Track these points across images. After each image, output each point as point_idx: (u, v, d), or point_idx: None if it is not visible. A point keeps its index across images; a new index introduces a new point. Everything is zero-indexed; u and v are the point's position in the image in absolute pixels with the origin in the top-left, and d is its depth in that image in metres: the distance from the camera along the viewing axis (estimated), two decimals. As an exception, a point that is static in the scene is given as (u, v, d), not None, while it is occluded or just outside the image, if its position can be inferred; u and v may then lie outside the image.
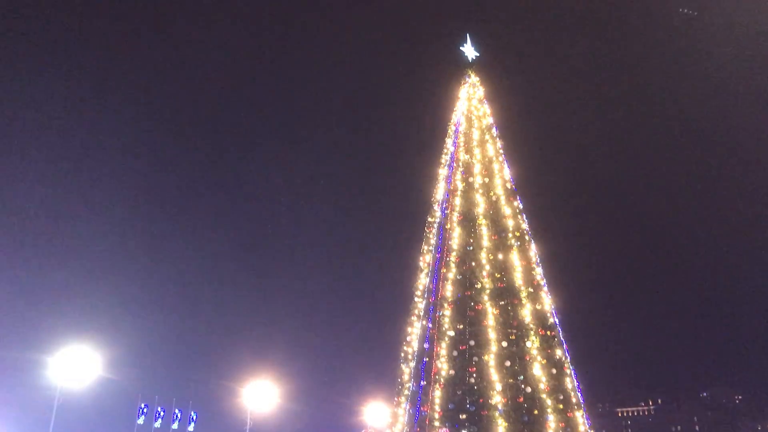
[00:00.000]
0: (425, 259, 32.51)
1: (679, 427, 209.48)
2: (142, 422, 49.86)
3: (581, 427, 28.16)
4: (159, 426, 51.29)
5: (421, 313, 31.25)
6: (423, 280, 32.22)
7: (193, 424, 54.52)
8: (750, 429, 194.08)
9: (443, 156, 34.63)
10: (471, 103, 34.92)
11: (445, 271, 30.48)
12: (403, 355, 31.23)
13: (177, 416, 53.09)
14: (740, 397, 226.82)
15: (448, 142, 34.73)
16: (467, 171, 32.88)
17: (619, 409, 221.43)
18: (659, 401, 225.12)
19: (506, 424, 26.18)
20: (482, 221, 30.97)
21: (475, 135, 33.95)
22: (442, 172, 34.15)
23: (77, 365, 38.19)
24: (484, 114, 34.55)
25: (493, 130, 34.26)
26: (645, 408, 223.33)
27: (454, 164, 33.58)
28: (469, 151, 33.60)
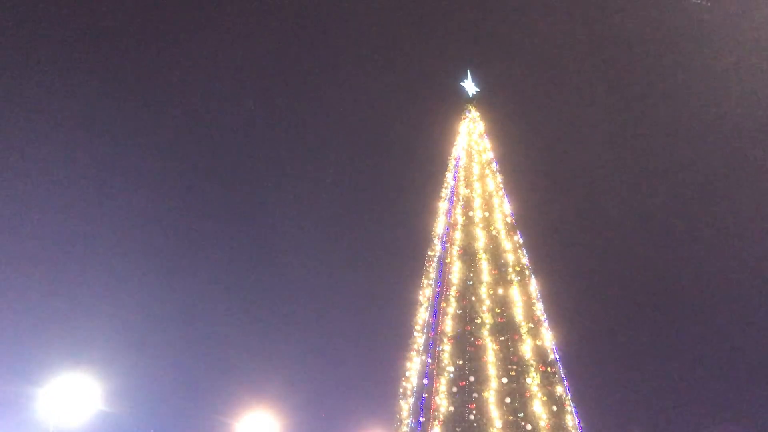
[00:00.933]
0: (425, 294, 32.34)
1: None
2: (137, 458, 49.04)
3: (583, 466, 27.68)
4: (154, 462, 50.49)
5: (421, 348, 30.95)
6: (422, 315, 31.98)
7: (190, 461, 53.70)
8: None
9: (443, 190, 34.68)
10: (471, 138, 35.11)
11: (444, 305, 30.28)
12: (401, 390, 30.84)
13: (173, 452, 52.24)
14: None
15: (449, 176, 34.80)
16: (467, 205, 32.90)
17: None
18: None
19: (506, 462, 25.72)
20: (482, 255, 30.88)
21: (476, 169, 34.06)
22: (442, 206, 34.17)
23: (72, 398, 37.59)
24: (484, 149, 34.71)
25: (493, 165, 34.38)
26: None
27: (454, 198, 33.61)
28: (469, 185, 33.66)
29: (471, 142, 34.96)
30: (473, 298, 29.73)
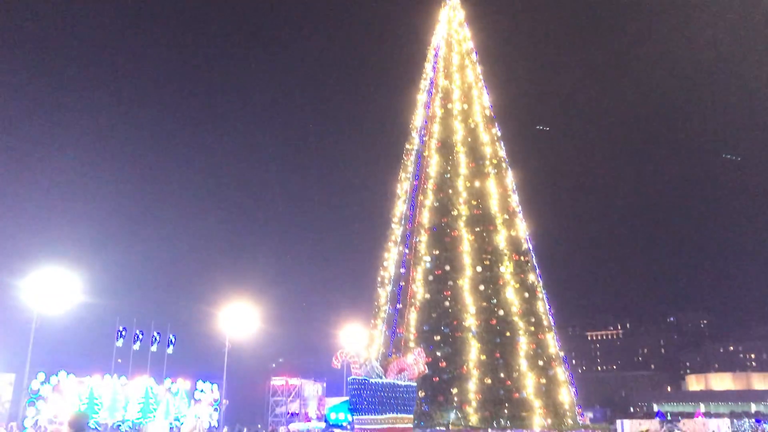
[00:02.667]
0: (403, 186, 32.55)
1: (645, 350, 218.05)
2: (120, 345, 50.49)
3: (551, 349, 29.06)
4: (138, 348, 51.98)
5: (398, 240, 31.52)
6: (400, 207, 32.34)
7: (171, 347, 55.35)
8: (714, 351, 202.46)
9: (422, 81, 34.19)
10: (451, 26, 34.20)
11: (422, 198, 30.58)
12: (379, 279, 31.67)
13: (156, 339, 53.80)
14: (705, 321, 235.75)
15: (428, 67, 34.20)
16: (446, 97, 32.54)
17: (588, 333, 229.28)
18: (627, 325, 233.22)
19: (479, 345, 26.93)
20: (460, 148, 30.90)
21: (455, 60, 33.43)
22: (421, 98, 33.77)
23: (55, 288, 38.21)
24: (464, 38, 33.93)
25: (473, 55, 33.77)
26: (614, 332, 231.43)
27: (433, 90, 33.18)
28: (448, 76, 33.15)
29: (451, 30, 34.10)
30: (450, 191, 30.04)
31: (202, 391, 50.92)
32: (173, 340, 55.47)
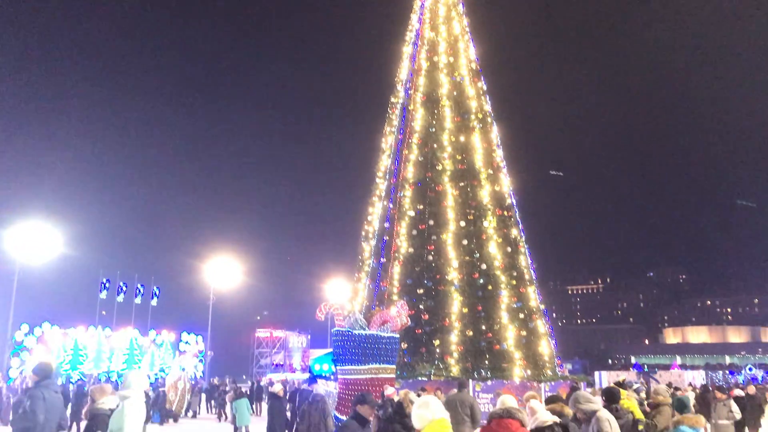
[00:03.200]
0: (387, 141, 32.35)
1: (625, 304, 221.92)
2: (104, 296, 50.58)
3: (532, 302, 29.43)
4: (121, 300, 52.16)
5: (383, 194, 31.46)
6: (385, 162, 32.20)
7: (155, 299, 55.66)
8: (691, 305, 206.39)
9: (408, 33, 33.66)
10: (438, -22, 33.53)
11: (406, 152, 30.42)
12: (364, 233, 31.70)
13: (139, 291, 53.94)
14: (684, 276, 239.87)
15: (413, 18, 33.62)
16: (432, 50, 32.09)
17: (569, 287, 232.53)
18: (608, 280, 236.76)
19: (461, 298, 27.20)
20: (445, 102, 30.64)
21: (441, 11, 32.88)
22: (407, 50, 33.30)
23: (37, 240, 37.99)
24: (451, -11, 33.29)
25: (460, 7, 33.23)
26: (594, 286, 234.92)
27: (419, 42, 32.70)
28: (434, 28, 32.62)
29: (437, -19, 33.45)
30: (435, 145, 29.88)
31: (186, 342, 51.45)
32: (157, 293, 55.76)
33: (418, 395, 10.32)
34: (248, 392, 32.20)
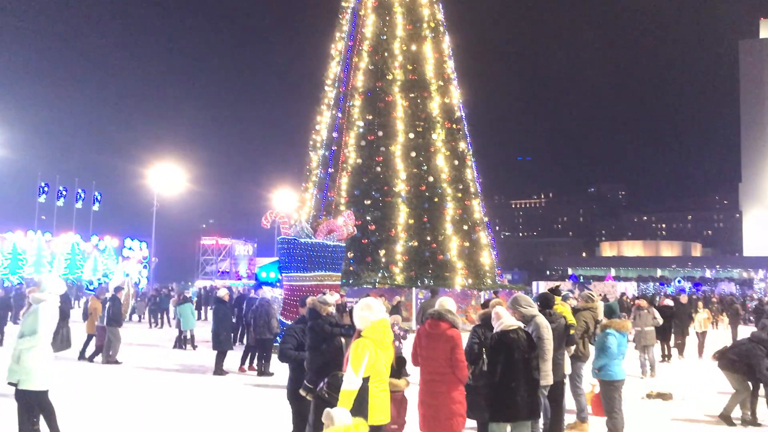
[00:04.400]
0: (337, 47, 31.51)
1: (565, 218, 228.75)
2: (43, 201, 49.23)
3: (476, 215, 30.04)
4: (62, 205, 50.90)
5: (331, 103, 30.95)
6: (334, 69, 31.49)
7: (97, 204, 54.52)
8: (628, 220, 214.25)
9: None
10: None
11: (356, 60, 29.77)
12: (311, 143, 31.36)
13: (80, 196, 52.66)
14: (623, 192, 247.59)
15: None
16: (385, -48, 30.86)
17: (513, 201, 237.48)
18: (550, 195, 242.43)
19: (408, 210, 27.51)
20: (398, 9, 29.82)
21: None
22: (359, -48, 31.95)
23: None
24: None
25: None
26: (536, 201, 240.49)
27: (372, -56, 31.36)
28: (388, -71, 31.27)
29: None
30: (386, 54, 29.31)
31: (130, 248, 50.90)
32: (99, 198, 54.57)
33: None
34: (196, 298, 32.39)
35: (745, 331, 25.95)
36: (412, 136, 28.36)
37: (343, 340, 6.45)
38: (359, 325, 5.76)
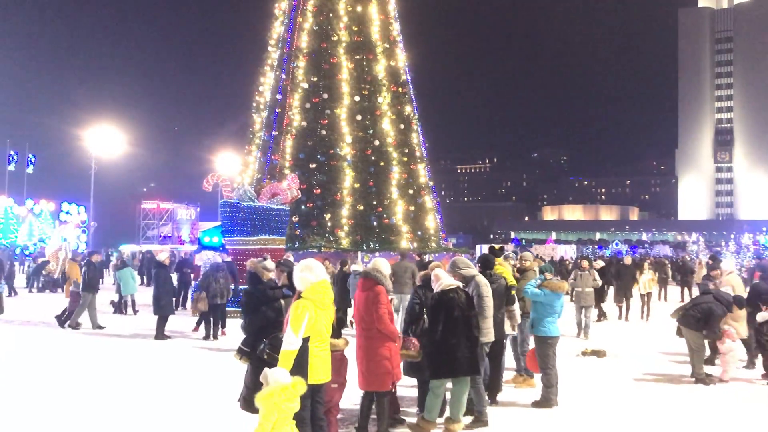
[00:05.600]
0: (281, 6, 30.78)
1: (509, 183, 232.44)
2: (-28, 163, 47.09)
3: (422, 179, 30.20)
4: (-8, 167, 48.85)
5: (275, 64, 30.34)
6: (278, 29, 30.80)
7: (31, 167, 52.54)
8: (569, 185, 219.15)
9: None
10: None
11: (301, 20, 29.16)
12: (255, 104, 30.77)
13: (13, 158, 50.64)
14: (565, 157, 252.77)
15: None
16: None
17: (458, 166, 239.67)
18: (494, 160, 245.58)
19: (353, 173, 27.43)
20: (343, -31, 29.26)
21: None
22: None
23: None
24: None
25: None
26: (481, 166, 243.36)
27: None
28: None
29: None
30: (330, 14, 28.81)
31: (67, 212, 49.34)
32: (33, 160, 52.54)
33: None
34: (138, 263, 31.73)
35: (673, 291, 27.16)
36: (357, 99, 28.14)
37: (282, 302, 6.42)
38: (299, 286, 5.76)
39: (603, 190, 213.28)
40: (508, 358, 9.59)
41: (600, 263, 19.28)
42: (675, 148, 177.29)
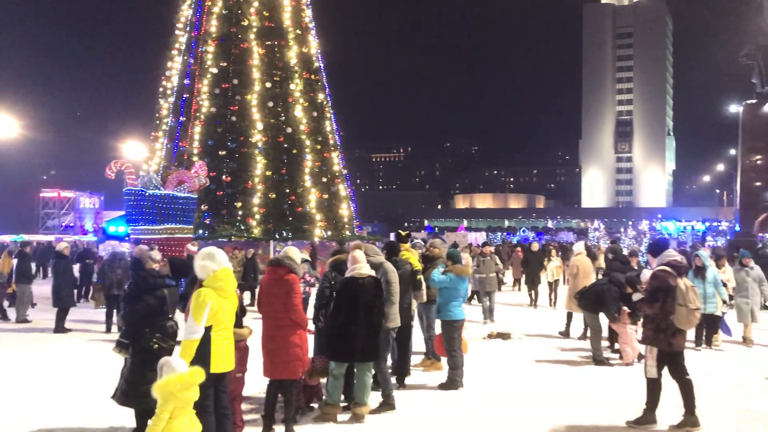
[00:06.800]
0: (189, -12, 29.84)
1: (422, 172, 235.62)
2: None
3: (336, 167, 30.13)
4: None
5: (183, 48, 29.43)
6: (185, 12, 29.88)
7: None
8: (480, 174, 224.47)
9: None
10: None
11: (209, 3, 28.38)
12: (161, 90, 29.75)
13: None
14: (476, 147, 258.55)
15: None
16: None
17: (373, 155, 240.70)
18: (409, 149, 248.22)
19: (265, 161, 27.03)
20: (253, -48, 28.65)
21: None
22: None
23: None
24: None
25: None
26: (396, 155, 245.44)
27: None
28: None
29: None
30: (241, -1, 28.18)
31: (-44, 202, 46.23)
32: None
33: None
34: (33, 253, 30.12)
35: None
36: (269, 85, 27.70)
37: (165, 291, 6.20)
38: (201, 274, 5.64)
39: (512, 179, 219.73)
40: (417, 343, 9.77)
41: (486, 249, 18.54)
42: (579, 139, 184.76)
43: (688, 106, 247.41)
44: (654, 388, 7.06)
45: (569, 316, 13.27)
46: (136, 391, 5.73)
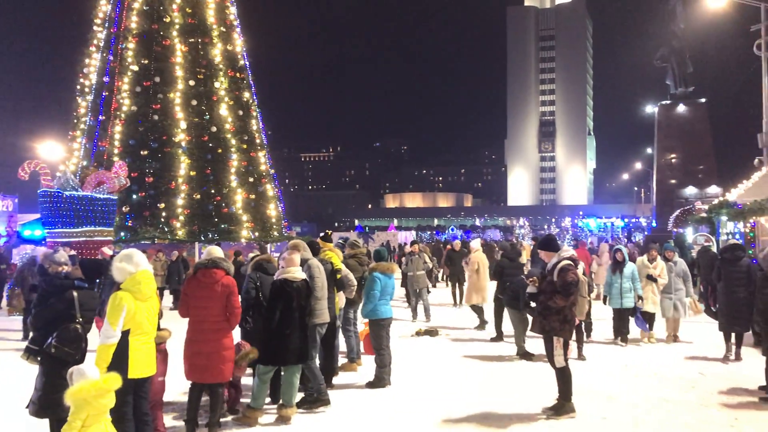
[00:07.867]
0: (107, -17, 28.86)
1: (352, 172, 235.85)
2: None
3: (263, 167, 29.72)
4: None
5: (102, 44, 28.43)
6: (104, 8, 28.87)
7: None
8: (410, 174, 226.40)
9: None
10: None
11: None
12: (79, 87, 28.65)
13: None
14: (406, 147, 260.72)
15: None
16: None
17: (302, 155, 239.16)
18: (338, 149, 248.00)
19: (189, 161, 26.40)
20: (175, -53, 27.94)
21: None
22: None
23: None
24: None
25: None
26: (325, 154, 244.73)
27: None
28: None
29: None
30: (162, -6, 27.43)
31: None
32: None
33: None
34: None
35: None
36: (192, 83, 27.07)
37: (75, 293, 5.96)
38: (118, 277, 5.46)
39: (440, 178, 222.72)
40: (342, 343, 9.76)
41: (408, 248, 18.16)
42: (505, 139, 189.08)
43: (607, 106, 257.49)
44: (565, 376, 7.30)
45: (475, 309, 13.79)
46: (48, 400, 5.44)
